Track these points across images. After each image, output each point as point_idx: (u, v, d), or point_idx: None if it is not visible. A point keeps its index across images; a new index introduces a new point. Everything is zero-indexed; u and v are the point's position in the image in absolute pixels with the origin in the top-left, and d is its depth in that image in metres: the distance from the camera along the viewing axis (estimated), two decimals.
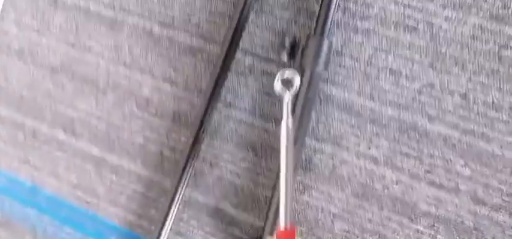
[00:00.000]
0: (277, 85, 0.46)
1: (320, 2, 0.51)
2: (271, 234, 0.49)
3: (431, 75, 0.50)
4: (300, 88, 0.50)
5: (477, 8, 0.49)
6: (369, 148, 0.51)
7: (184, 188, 0.53)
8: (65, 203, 0.60)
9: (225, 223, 0.55)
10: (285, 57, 0.51)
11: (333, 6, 0.51)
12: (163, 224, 0.53)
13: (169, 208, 0.53)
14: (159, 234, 0.53)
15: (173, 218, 0.53)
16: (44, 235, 0.59)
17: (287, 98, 0.46)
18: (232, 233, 0.54)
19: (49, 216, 0.60)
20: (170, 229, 0.54)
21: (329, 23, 0.51)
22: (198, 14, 0.57)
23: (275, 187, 0.50)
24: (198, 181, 0.56)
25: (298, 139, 0.50)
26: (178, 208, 0.54)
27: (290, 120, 0.46)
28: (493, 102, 0.48)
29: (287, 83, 0.46)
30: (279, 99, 0.52)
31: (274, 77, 0.49)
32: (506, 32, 0.48)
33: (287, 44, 0.51)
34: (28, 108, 0.61)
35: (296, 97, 0.50)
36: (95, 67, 0.59)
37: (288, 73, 0.46)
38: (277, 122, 0.53)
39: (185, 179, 0.53)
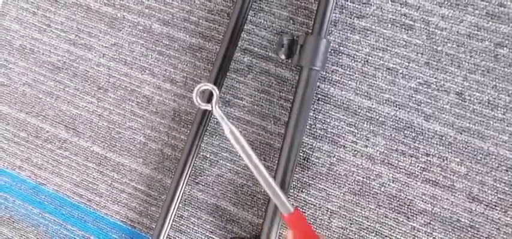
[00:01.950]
0: (196, 100, 0.51)
1: (318, 1, 0.55)
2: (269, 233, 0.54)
3: (427, 74, 0.54)
4: (297, 86, 0.55)
5: (474, 6, 0.53)
6: (366, 146, 0.56)
7: (184, 186, 0.59)
8: (66, 201, 0.65)
9: (225, 221, 0.60)
10: (282, 55, 0.56)
11: (330, 5, 0.55)
12: (163, 221, 0.58)
13: (170, 205, 0.58)
14: (160, 231, 0.58)
15: (173, 215, 0.58)
16: (47, 232, 0.65)
17: (216, 113, 0.51)
18: (232, 230, 0.59)
19: (51, 214, 0.65)
20: (170, 227, 0.59)
21: (327, 21, 0.55)
22: (197, 12, 0.62)
23: None
24: (198, 178, 0.61)
25: (295, 137, 0.54)
26: (178, 206, 0.59)
27: (232, 127, 0.50)
28: (488, 100, 0.53)
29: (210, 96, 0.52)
30: (278, 98, 0.57)
31: (273, 76, 0.53)
32: (502, 30, 0.52)
33: (285, 42, 0.56)
34: (30, 106, 0.67)
35: (294, 95, 0.55)
36: (95, 65, 0.65)
37: (204, 87, 0.51)
38: (276, 120, 0.58)
39: (185, 177, 0.59)
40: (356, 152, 0.56)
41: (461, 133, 0.53)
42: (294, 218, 0.49)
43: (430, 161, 0.54)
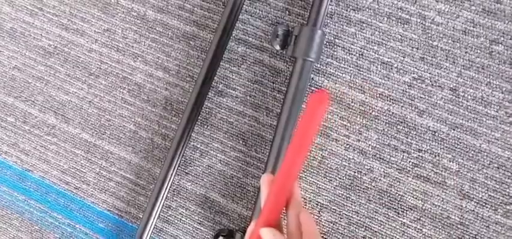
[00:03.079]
0: None
1: None
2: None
3: (422, 69, 0.56)
4: (290, 78, 0.57)
5: (470, 2, 0.56)
6: (358, 140, 0.58)
7: (173, 176, 0.61)
8: (53, 188, 0.67)
9: (213, 212, 0.62)
10: (277, 46, 0.58)
11: None
12: (151, 211, 0.60)
13: (158, 195, 0.60)
14: (147, 221, 0.60)
15: (161, 205, 0.60)
16: (31, 220, 0.67)
17: None
18: (220, 222, 0.61)
19: (37, 201, 0.67)
20: (158, 217, 0.61)
21: (322, 13, 0.57)
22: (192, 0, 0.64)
23: None
24: (187, 169, 0.63)
25: (287, 128, 0.56)
26: (167, 196, 0.61)
27: None
28: (482, 97, 0.55)
29: None
30: (271, 89, 0.59)
31: (267, 67, 0.55)
32: (497, 27, 0.55)
33: (280, 33, 0.58)
34: (19, 91, 0.69)
35: (287, 86, 0.57)
36: (87, 51, 0.67)
37: None
38: (268, 111, 0.60)
39: (175, 167, 0.61)
40: (348, 146, 0.58)
41: (454, 129, 0.55)
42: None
43: (422, 157, 0.56)
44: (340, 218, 0.58)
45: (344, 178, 0.58)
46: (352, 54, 0.59)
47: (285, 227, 0.40)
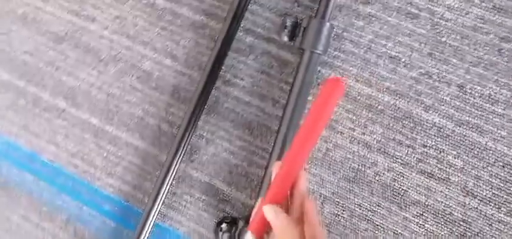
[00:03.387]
0: None
1: None
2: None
3: (429, 64, 0.57)
4: (298, 69, 0.58)
5: None
6: (363, 134, 0.58)
7: (179, 163, 0.62)
8: (62, 170, 0.69)
9: (217, 200, 0.63)
10: (285, 37, 0.59)
11: None
12: (156, 197, 0.62)
13: (163, 181, 0.62)
14: (152, 206, 0.62)
15: (167, 191, 0.62)
16: (40, 200, 0.69)
17: None
18: (224, 209, 0.63)
19: (46, 182, 0.69)
20: (163, 203, 0.62)
21: (331, 6, 0.58)
22: None
23: (268, 167, 0.58)
24: (193, 156, 0.64)
25: (293, 119, 0.57)
26: (172, 182, 0.62)
27: None
28: (489, 95, 0.55)
29: None
30: (278, 81, 0.60)
31: (275, 58, 0.56)
32: (508, 24, 0.55)
33: (288, 24, 0.59)
34: (31, 75, 0.71)
35: (294, 78, 0.58)
36: (98, 37, 0.68)
37: None
38: (274, 102, 0.61)
39: (180, 154, 0.62)
40: (353, 139, 0.59)
41: (460, 126, 0.56)
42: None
43: (426, 152, 0.57)
44: (343, 210, 0.59)
45: (348, 170, 0.59)
46: (360, 47, 0.59)
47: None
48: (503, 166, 0.55)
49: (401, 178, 0.57)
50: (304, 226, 0.39)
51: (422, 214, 0.57)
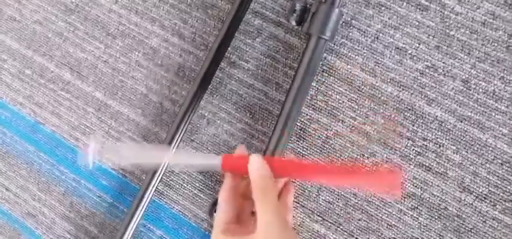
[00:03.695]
0: None
1: None
2: None
3: (436, 57, 0.60)
4: (303, 54, 0.61)
5: None
6: (364, 124, 0.62)
7: (179, 141, 0.67)
8: (62, 142, 0.74)
9: (214, 181, 0.68)
10: (293, 21, 0.63)
11: None
12: (154, 174, 0.67)
13: None
14: (149, 183, 0.66)
15: (165, 169, 0.66)
16: (39, 171, 0.74)
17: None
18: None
19: (46, 153, 0.75)
20: (160, 180, 0.66)
21: None
22: None
23: (266, 151, 0.62)
24: (193, 136, 0.68)
25: (295, 104, 0.60)
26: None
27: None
28: (493, 91, 0.58)
29: None
30: (283, 65, 0.63)
31: (282, 42, 0.60)
32: None
33: (297, 8, 0.63)
34: (38, 45, 0.76)
35: (299, 62, 0.61)
36: (107, 11, 0.73)
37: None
38: (278, 86, 0.65)
39: (181, 132, 0.67)
40: (353, 128, 0.63)
41: (461, 121, 0.59)
42: (228, 161, 0.52)
43: (426, 146, 0.60)
44: (338, 199, 0.62)
45: (346, 159, 0.62)
46: (367, 36, 0.63)
47: None
48: (502, 164, 0.58)
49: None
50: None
51: (417, 207, 0.60)
